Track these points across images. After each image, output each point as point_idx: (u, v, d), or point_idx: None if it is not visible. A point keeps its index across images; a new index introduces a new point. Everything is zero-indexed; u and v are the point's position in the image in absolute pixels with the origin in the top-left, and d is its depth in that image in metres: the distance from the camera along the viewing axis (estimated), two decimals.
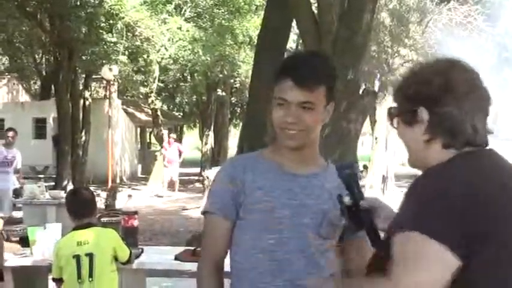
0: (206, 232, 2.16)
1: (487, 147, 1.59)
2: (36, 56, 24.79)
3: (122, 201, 12.35)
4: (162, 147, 20.46)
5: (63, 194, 9.16)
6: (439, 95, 1.54)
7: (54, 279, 4.16)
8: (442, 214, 1.40)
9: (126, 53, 19.62)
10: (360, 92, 6.70)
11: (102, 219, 7.07)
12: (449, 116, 1.53)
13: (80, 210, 4.12)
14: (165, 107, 34.38)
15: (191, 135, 48.89)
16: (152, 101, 22.88)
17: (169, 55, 20.35)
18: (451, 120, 1.53)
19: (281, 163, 2.10)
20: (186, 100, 33.85)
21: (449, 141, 1.55)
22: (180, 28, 19.57)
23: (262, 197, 2.05)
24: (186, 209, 15.67)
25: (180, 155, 19.71)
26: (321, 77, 2.02)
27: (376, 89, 16.92)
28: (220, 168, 2.22)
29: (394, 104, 1.67)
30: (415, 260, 1.40)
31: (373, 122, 20.33)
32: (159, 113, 23.37)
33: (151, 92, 22.46)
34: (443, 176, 1.49)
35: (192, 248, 4.80)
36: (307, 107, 2.00)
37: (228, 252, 2.15)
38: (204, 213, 2.15)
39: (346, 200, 1.84)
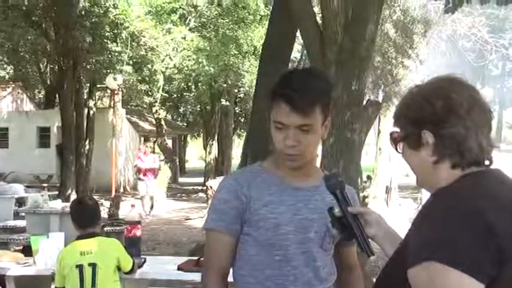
0: (210, 248, 2.15)
1: (493, 167, 1.57)
2: (41, 65, 24.88)
3: (125, 211, 12.35)
4: (137, 157, 17.19)
5: (60, 202, 9.19)
6: (442, 117, 1.52)
7: None
8: (462, 240, 1.37)
9: (131, 62, 19.68)
10: (364, 102, 6.68)
11: (105, 228, 7.09)
12: (455, 136, 1.52)
13: (84, 220, 4.12)
14: (169, 117, 34.44)
15: (195, 145, 48.94)
16: (156, 111, 22.95)
17: (174, 65, 20.42)
18: (457, 140, 1.52)
19: (283, 176, 2.12)
20: (190, 110, 33.94)
21: (458, 161, 1.53)
22: (184, 38, 19.65)
23: (268, 214, 2.06)
24: (190, 219, 15.67)
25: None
26: (316, 98, 2.02)
27: (380, 99, 16.92)
28: (223, 183, 2.19)
29: (396, 129, 1.65)
30: None
31: (377, 133, 20.32)
32: (163, 122, 23.44)
33: (156, 101, 22.54)
34: (452, 199, 1.46)
35: (195, 258, 4.79)
36: (306, 129, 2.01)
37: (232, 266, 2.16)
38: (207, 229, 2.14)
39: (336, 211, 1.86)
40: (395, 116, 1.66)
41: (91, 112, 21.72)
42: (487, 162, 1.56)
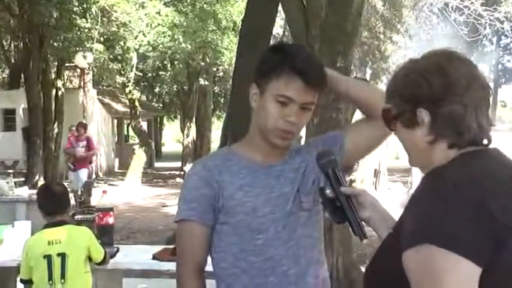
0: (184, 241, 2.15)
1: (491, 146, 1.57)
2: (4, 42, 24.54)
3: (98, 198, 12.30)
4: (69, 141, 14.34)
5: (27, 190, 9.16)
6: (439, 94, 1.52)
7: (22, 281, 4.13)
8: (457, 222, 1.37)
9: (102, 39, 19.51)
10: None
11: (76, 216, 7.06)
12: (453, 114, 1.52)
13: (52, 207, 4.09)
14: (143, 98, 34.27)
15: (172, 127, 48.86)
16: (130, 91, 22.78)
17: (148, 42, 20.25)
18: (455, 119, 1.52)
19: (255, 157, 2.14)
20: (166, 90, 33.70)
21: (455, 141, 1.54)
22: (159, 13, 19.49)
23: (243, 198, 2.07)
24: (166, 206, 15.66)
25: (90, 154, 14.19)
26: (326, 77, 2.10)
27: (368, 77, 16.98)
28: (192, 170, 2.20)
29: (388, 105, 1.64)
30: (437, 279, 1.36)
31: None
32: (137, 103, 23.30)
33: (129, 81, 22.37)
34: (448, 180, 1.45)
35: (172, 246, 4.79)
36: (307, 108, 2.06)
37: (211, 259, 2.17)
38: (179, 221, 2.14)
39: (328, 192, 1.87)
40: (387, 92, 1.66)
41: (59, 93, 21.54)
42: (485, 142, 1.56)
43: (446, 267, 1.35)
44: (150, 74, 28.97)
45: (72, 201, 9.10)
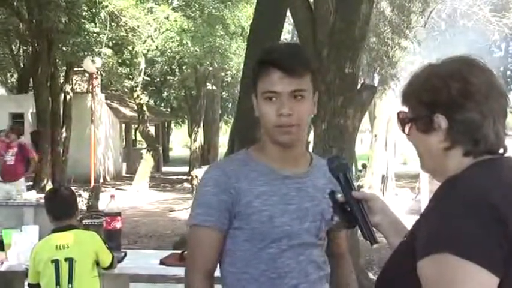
0: (196, 246, 2.12)
1: (506, 155, 1.57)
2: (13, 47, 24.70)
3: (105, 202, 12.31)
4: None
5: (35, 194, 9.16)
6: (459, 101, 1.51)
7: (30, 285, 4.14)
8: (473, 230, 1.36)
9: (110, 44, 19.55)
10: (358, 86, 6.69)
11: (84, 221, 7.09)
12: (471, 122, 1.51)
13: (60, 211, 4.10)
14: (151, 102, 34.34)
15: (180, 131, 48.92)
16: (138, 96, 22.82)
17: (156, 46, 20.31)
18: (473, 126, 1.51)
19: (272, 165, 2.11)
20: (174, 94, 33.85)
21: (471, 149, 1.53)
22: (167, 18, 19.53)
23: (260, 206, 2.04)
24: (174, 211, 15.68)
25: (27, 163, 11.22)
26: (307, 63, 2.07)
27: (376, 83, 16.95)
28: (208, 174, 2.14)
29: (405, 108, 1.63)
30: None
31: (372, 119, 20.38)
32: (145, 108, 23.33)
33: (137, 85, 22.42)
34: (464, 189, 1.45)
35: (179, 251, 4.79)
36: (299, 95, 2.02)
37: (219, 262, 2.15)
38: (192, 225, 2.11)
39: (339, 196, 1.85)
40: (404, 95, 1.64)
41: (68, 97, 21.58)
42: (501, 151, 1.56)
43: (463, 276, 1.34)
44: (158, 79, 29.08)
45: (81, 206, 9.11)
